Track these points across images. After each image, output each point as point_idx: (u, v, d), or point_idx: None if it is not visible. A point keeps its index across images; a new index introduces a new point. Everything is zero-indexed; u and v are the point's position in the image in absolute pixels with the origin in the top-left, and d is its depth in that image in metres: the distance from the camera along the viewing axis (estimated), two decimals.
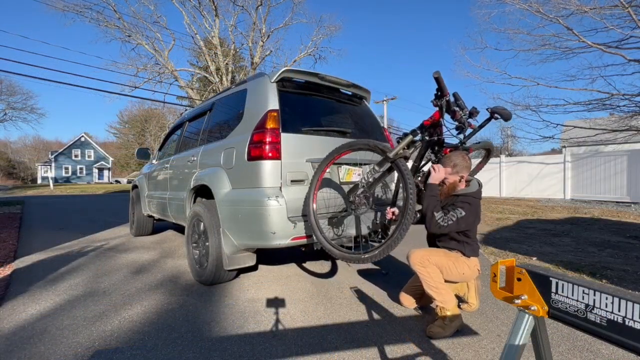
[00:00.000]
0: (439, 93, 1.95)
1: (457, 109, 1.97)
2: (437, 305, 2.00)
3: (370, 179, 2.12)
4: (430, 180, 2.05)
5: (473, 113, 2.08)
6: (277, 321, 2.11)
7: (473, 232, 2.10)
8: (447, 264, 2.00)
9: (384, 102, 21.74)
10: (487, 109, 2.25)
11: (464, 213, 1.95)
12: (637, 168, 9.65)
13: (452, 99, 2.00)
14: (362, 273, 3.12)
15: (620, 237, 4.77)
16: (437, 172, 2.04)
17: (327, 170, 2.58)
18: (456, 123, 2.01)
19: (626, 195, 9.86)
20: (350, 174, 2.72)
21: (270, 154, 2.29)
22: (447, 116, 2.04)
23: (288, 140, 2.37)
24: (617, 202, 9.91)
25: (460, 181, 2.11)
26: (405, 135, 2.07)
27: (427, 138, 2.11)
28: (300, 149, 2.44)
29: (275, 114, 2.37)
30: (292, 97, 2.60)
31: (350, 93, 3.14)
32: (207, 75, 17.55)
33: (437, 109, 2.01)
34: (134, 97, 38.08)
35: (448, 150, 2.18)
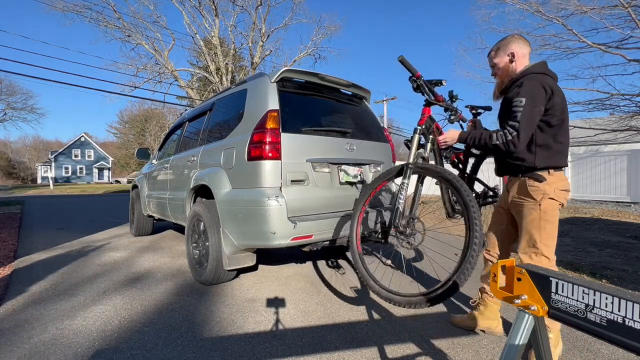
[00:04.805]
0: (411, 75, 1.98)
1: (435, 90, 2.01)
2: None
3: (402, 195, 1.87)
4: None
5: (452, 97, 2.12)
6: (277, 321, 2.11)
7: (561, 135, 1.63)
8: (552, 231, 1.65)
9: (384, 101, 21.73)
10: (465, 106, 2.30)
11: (523, 100, 1.55)
12: (637, 168, 9.65)
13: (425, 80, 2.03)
14: None
15: (620, 237, 4.77)
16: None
17: (327, 171, 2.59)
18: (443, 107, 2.04)
19: (626, 195, 9.86)
20: (350, 175, 2.72)
21: (270, 154, 2.29)
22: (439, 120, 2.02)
23: (288, 140, 2.37)
24: (617, 202, 9.90)
25: (512, 61, 1.75)
26: (412, 138, 1.99)
27: (431, 137, 2.02)
28: (301, 149, 2.44)
29: (275, 114, 2.37)
30: (292, 97, 2.60)
31: (350, 93, 3.14)
32: (207, 75, 17.54)
33: (423, 105, 2.04)
34: (134, 97, 38.10)
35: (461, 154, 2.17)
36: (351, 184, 2.73)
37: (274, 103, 2.41)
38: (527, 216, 1.67)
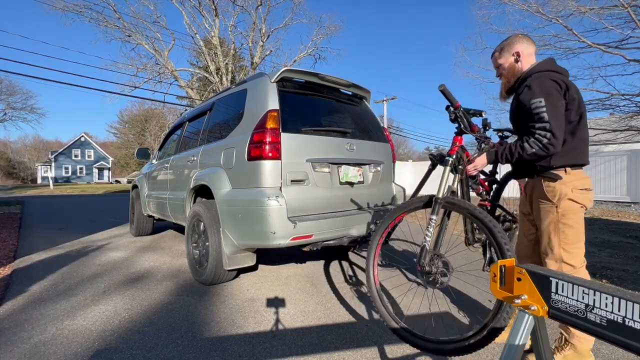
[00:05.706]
0: (450, 105, 1.83)
1: (472, 121, 1.85)
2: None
3: (430, 231, 1.70)
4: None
5: (486, 125, 2.01)
6: (277, 321, 2.11)
7: (582, 132, 1.56)
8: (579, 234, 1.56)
9: (384, 101, 21.74)
10: (494, 130, 2.18)
11: (542, 100, 1.46)
12: (637, 168, 9.65)
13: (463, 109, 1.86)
14: (362, 272, 3.12)
15: (620, 237, 4.77)
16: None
17: (327, 171, 2.59)
18: (475, 136, 1.88)
19: (626, 195, 9.86)
20: (350, 175, 2.72)
21: (270, 154, 2.29)
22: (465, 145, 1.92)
23: (288, 140, 2.38)
24: (617, 202, 9.91)
25: (517, 61, 1.70)
26: (440, 160, 1.82)
27: (460, 167, 1.84)
28: (300, 149, 2.44)
29: (275, 113, 2.37)
30: (292, 97, 2.60)
31: (350, 93, 3.14)
32: (207, 75, 17.54)
33: (455, 133, 1.86)
34: (134, 97, 37.99)
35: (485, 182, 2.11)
36: (351, 184, 2.73)
37: (274, 103, 2.41)
38: (545, 219, 1.59)
